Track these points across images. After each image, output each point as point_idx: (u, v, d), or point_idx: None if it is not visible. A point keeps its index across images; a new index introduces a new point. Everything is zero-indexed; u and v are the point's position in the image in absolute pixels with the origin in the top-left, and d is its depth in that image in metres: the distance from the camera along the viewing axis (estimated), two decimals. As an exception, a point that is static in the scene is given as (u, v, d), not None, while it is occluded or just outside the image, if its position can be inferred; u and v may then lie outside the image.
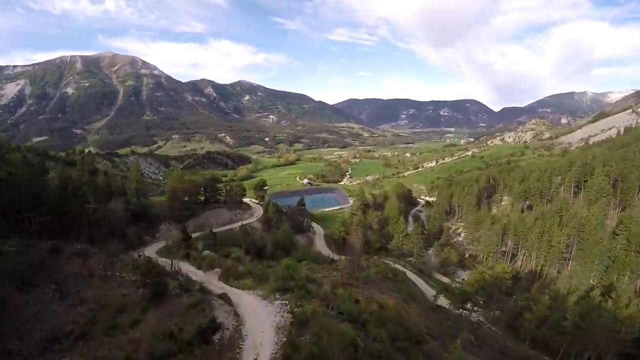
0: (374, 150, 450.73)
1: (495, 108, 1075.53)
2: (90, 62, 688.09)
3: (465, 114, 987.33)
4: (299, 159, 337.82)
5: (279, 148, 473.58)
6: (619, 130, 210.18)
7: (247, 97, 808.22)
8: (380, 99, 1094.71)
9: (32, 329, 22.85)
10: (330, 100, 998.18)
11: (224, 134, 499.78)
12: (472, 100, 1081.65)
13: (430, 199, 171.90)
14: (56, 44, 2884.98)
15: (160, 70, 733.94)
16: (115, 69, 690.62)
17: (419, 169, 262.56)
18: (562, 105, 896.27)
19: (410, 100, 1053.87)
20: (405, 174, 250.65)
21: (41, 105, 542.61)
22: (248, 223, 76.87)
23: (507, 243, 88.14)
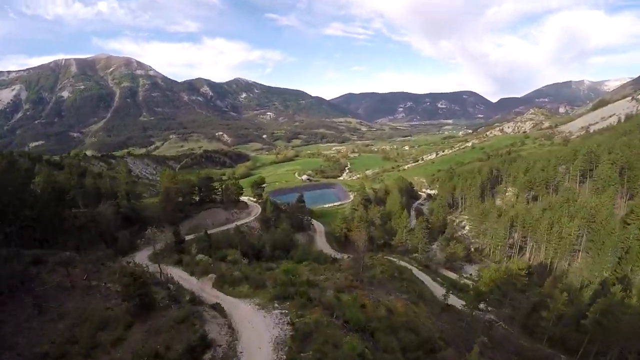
0: (373, 145, 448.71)
1: (493, 99, 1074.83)
2: (85, 65, 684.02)
3: (462, 105, 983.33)
4: (297, 155, 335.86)
5: (277, 145, 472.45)
6: (620, 118, 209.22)
7: (244, 95, 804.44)
8: (377, 93, 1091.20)
9: (6, 349, 20.44)
10: (327, 96, 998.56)
11: (221, 133, 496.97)
12: (469, 91, 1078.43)
13: (431, 192, 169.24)
14: (50, 48, 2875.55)
15: (156, 71, 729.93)
16: (110, 70, 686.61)
17: (419, 162, 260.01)
18: (560, 94, 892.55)
19: (407, 93, 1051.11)
20: (405, 167, 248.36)
21: (37, 110, 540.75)
22: (245, 223, 74.42)
23: (515, 235, 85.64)
